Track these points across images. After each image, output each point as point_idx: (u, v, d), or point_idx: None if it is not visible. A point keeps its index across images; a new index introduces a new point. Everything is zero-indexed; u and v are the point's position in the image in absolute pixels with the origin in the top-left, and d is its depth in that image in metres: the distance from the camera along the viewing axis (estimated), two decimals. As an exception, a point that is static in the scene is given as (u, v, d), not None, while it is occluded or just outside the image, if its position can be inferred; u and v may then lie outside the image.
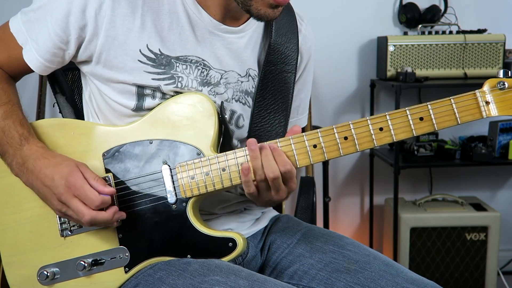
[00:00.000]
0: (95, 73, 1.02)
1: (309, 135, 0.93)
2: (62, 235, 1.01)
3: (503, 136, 2.47)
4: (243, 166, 0.92)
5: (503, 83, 0.88)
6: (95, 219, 0.92)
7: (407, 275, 0.98)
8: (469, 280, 2.43)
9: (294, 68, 1.11)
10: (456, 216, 2.39)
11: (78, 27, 0.97)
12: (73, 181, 0.92)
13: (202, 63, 1.02)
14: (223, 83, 1.05)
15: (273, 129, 1.10)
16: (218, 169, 0.95)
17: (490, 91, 0.89)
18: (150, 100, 1.01)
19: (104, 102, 1.04)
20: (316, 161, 0.93)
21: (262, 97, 1.09)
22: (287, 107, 1.11)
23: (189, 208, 0.97)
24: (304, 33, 1.16)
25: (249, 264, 1.10)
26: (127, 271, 0.98)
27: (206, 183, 0.96)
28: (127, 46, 0.98)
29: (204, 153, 0.97)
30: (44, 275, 0.99)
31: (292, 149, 0.93)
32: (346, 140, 0.92)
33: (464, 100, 0.89)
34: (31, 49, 1.01)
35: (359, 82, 2.66)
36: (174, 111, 0.99)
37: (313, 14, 2.57)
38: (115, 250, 0.99)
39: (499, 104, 0.89)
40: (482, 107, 0.89)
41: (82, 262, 0.98)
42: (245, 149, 0.95)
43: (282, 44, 1.10)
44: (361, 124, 0.91)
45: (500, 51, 2.37)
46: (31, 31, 1.00)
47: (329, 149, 0.92)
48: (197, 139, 0.97)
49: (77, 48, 1.00)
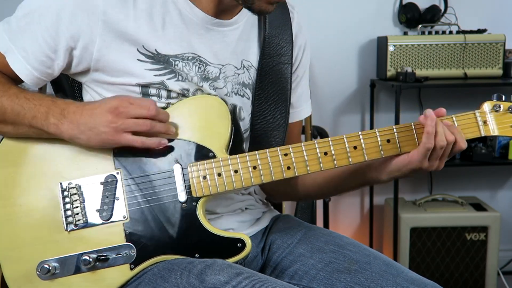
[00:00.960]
0: (95, 79, 1.01)
1: (320, 143, 0.97)
2: (66, 229, 0.99)
3: (503, 136, 2.46)
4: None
5: (499, 105, 0.98)
6: (153, 127, 0.93)
7: (407, 275, 0.98)
8: (469, 280, 2.43)
9: (290, 59, 1.13)
10: (456, 216, 2.39)
11: (69, 35, 0.95)
12: (117, 104, 0.93)
13: (198, 59, 1.03)
14: (222, 77, 1.06)
15: (275, 120, 1.11)
16: (231, 170, 0.96)
17: (489, 112, 0.99)
18: (156, 101, 1.00)
19: None
20: (327, 168, 0.97)
21: (261, 90, 1.10)
22: (286, 97, 1.13)
23: (199, 208, 0.97)
24: (297, 20, 1.17)
25: (250, 264, 1.10)
26: (132, 268, 0.98)
27: (218, 184, 0.97)
28: (124, 47, 0.97)
29: (217, 155, 0.97)
30: (45, 269, 0.97)
31: (304, 155, 0.96)
32: (356, 150, 0.97)
33: (465, 118, 0.99)
34: (19, 57, 0.98)
35: (359, 82, 2.66)
36: (188, 111, 1.00)
37: (313, 14, 2.57)
38: (121, 247, 0.98)
39: (498, 126, 0.99)
40: (480, 126, 0.98)
41: (86, 257, 0.97)
42: (258, 153, 0.96)
43: (277, 36, 1.11)
44: (369, 135, 0.97)
45: (500, 51, 2.37)
46: (15, 39, 0.98)
47: (339, 156, 0.97)
48: (210, 140, 0.98)
49: (69, 60, 0.99)
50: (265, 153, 0.97)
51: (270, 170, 0.96)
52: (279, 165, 0.96)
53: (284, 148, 0.97)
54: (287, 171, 0.96)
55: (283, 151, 0.96)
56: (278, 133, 1.12)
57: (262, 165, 0.96)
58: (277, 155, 0.96)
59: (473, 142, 2.47)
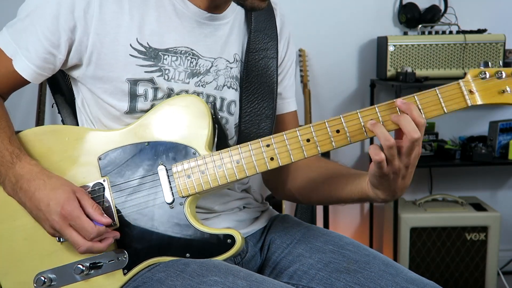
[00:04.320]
0: (87, 75, 1.02)
1: (302, 130, 0.95)
2: (58, 240, 1.00)
3: (503, 136, 2.47)
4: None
5: (484, 72, 0.93)
6: (90, 250, 0.93)
7: (407, 275, 0.98)
8: (469, 280, 2.43)
9: (275, 53, 1.14)
10: (456, 216, 2.39)
11: (68, 28, 0.97)
12: (70, 211, 0.92)
13: (191, 53, 1.04)
14: (213, 71, 1.07)
15: (263, 112, 1.12)
16: (214, 167, 0.96)
17: (473, 81, 0.93)
18: (142, 102, 1.01)
19: (97, 106, 1.04)
20: (310, 155, 0.95)
21: (248, 83, 1.11)
22: (273, 89, 1.14)
23: (187, 207, 0.97)
24: (280, 15, 1.18)
25: (248, 263, 1.10)
26: (125, 273, 0.98)
27: (202, 181, 0.96)
28: (118, 42, 0.98)
29: (200, 153, 0.98)
30: (41, 281, 0.99)
31: (286, 144, 0.95)
32: (338, 133, 0.94)
33: (449, 90, 0.93)
34: (22, 57, 0.99)
35: (359, 82, 2.66)
36: (168, 113, 1.00)
37: (313, 14, 2.57)
38: (113, 253, 0.98)
39: (482, 93, 0.93)
40: (466, 96, 0.93)
41: (79, 265, 0.98)
42: (240, 147, 0.96)
43: (262, 31, 1.13)
44: (352, 118, 0.94)
45: (500, 51, 2.37)
46: (19, 40, 0.99)
47: (322, 142, 0.94)
48: (192, 139, 0.98)
49: (67, 52, 0.99)
50: (247, 146, 0.96)
51: (254, 164, 0.96)
52: (262, 157, 0.95)
53: (266, 139, 0.95)
54: (271, 162, 0.95)
55: (265, 142, 0.95)
56: (266, 125, 1.13)
57: (245, 158, 0.96)
58: (259, 147, 0.95)
59: (473, 142, 2.48)
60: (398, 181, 0.93)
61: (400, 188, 0.95)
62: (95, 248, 0.93)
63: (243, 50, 1.12)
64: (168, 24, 1.02)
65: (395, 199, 0.98)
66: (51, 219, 0.93)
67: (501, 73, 0.92)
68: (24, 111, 2.48)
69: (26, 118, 2.47)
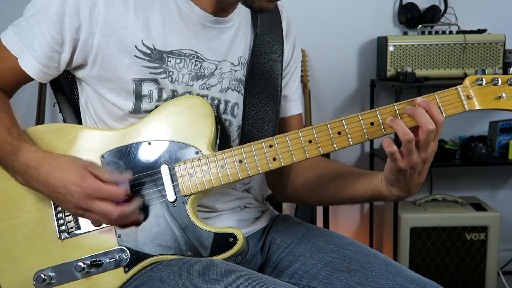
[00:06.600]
0: (92, 75, 1.02)
1: (304, 131, 0.96)
2: (59, 238, 1.00)
3: (503, 136, 2.47)
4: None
5: (481, 79, 0.95)
6: (122, 214, 0.93)
7: (407, 275, 0.98)
8: (469, 280, 2.43)
9: (280, 57, 1.15)
10: (456, 216, 2.40)
11: (73, 28, 0.97)
12: (90, 186, 0.92)
13: (195, 56, 1.04)
14: (218, 73, 1.07)
15: (266, 116, 1.13)
16: (217, 166, 0.97)
17: (470, 87, 0.96)
18: (147, 102, 1.01)
19: (101, 106, 1.05)
20: (312, 156, 0.96)
21: (252, 86, 1.11)
22: (277, 93, 1.14)
23: (189, 206, 0.98)
24: (286, 18, 1.18)
25: (249, 263, 1.10)
26: (127, 271, 0.98)
27: (205, 181, 0.97)
28: (123, 43, 0.99)
29: (203, 152, 0.98)
30: (41, 279, 0.98)
31: (288, 145, 0.96)
32: (340, 135, 0.96)
33: (447, 95, 0.96)
34: (27, 56, 1.00)
35: (359, 82, 2.67)
36: (172, 113, 1.01)
37: (313, 14, 2.57)
38: (114, 251, 0.98)
39: (480, 98, 0.95)
40: (464, 101, 0.95)
41: (80, 263, 0.98)
42: (243, 147, 0.96)
43: (267, 34, 1.13)
44: (353, 120, 0.96)
45: (500, 51, 2.37)
46: (25, 39, 1.00)
47: (323, 143, 0.96)
48: (195, 139, 0.99)
49: (72, 51, 1.00)
50: (250, 146, 0.97)
51: (256, 163, 0.96)
52: (264, 157, 0.96)
53: (269, 140, 0.97)
54: (273, 162, 0.96)
55: (268, 143, 0.96)
56: (269, 128, 1.13)
57: (247, 158, 0.96)
58: (262, 147, 0.97)
59: (473, 142, 2.48)
60: (414, 177, 0.94)
61: (415, 184, 0.96)
62: (125, 211, 0.93)
63: (248, 53, 1.12)
64: (173, 26, 1.02)
65: (409, 196, 0.99)
66: (74, 200, 0.93)
67: (497, 80, 0.95)
68: (24, 111, 2.48)
69: (26, 118, 2.47)
